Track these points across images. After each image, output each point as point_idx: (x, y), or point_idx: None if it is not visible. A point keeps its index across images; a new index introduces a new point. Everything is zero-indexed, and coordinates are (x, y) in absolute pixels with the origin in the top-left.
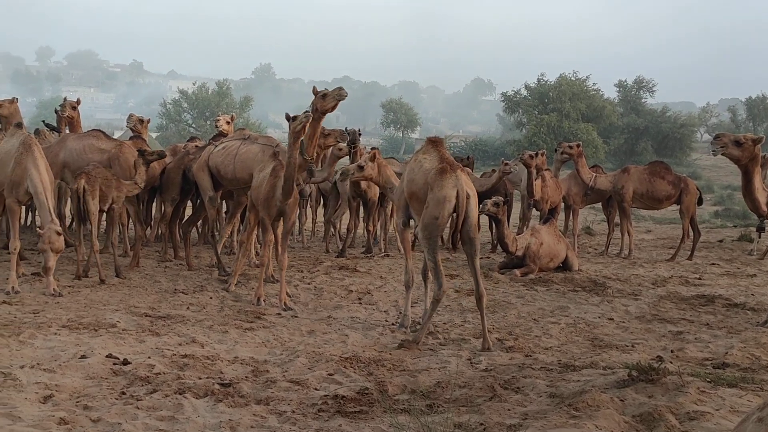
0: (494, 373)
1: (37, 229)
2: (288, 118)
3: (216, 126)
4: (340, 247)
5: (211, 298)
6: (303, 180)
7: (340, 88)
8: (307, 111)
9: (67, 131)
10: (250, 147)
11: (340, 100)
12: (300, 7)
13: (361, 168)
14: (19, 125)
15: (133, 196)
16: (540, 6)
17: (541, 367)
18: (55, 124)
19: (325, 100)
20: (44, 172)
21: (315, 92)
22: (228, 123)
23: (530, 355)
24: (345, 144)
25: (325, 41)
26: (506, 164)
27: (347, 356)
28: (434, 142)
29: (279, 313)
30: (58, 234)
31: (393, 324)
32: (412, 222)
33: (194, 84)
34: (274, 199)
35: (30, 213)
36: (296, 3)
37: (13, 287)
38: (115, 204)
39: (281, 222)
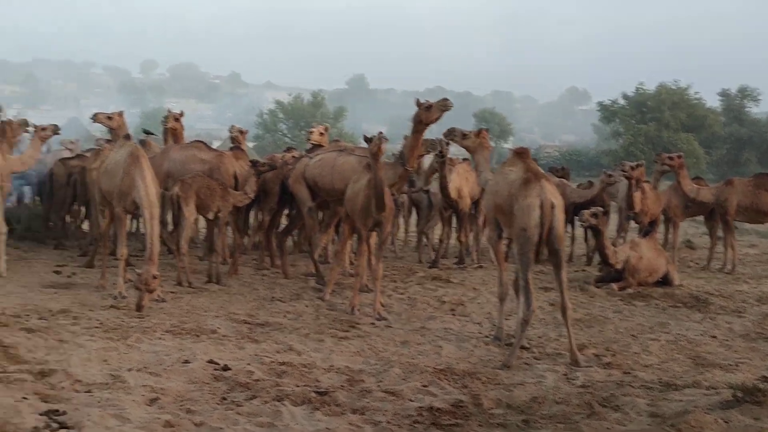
0: (592, 389)
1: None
2: (366, 139)
3: (308, 139)
4: (433, 258)
5: (306, 306)
6: (398, 190)
7: (445, 99)
8: (381, 133)
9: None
10: (347, 158)
11: (445, 111)
12: (393, 18)
13: (464, 136)
14: (128, 137)
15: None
16: (637, 13)
17: (641, 385)
18: (153, 131)
19: (430, 111)
20: (150, 183)
21: (418, 104)
22: (321, 134)
23: (629, 373)
24: (434, 154)
25: (418, 51)
26: (609, 175)
27: (441, 368)
28: (520, 154)
29: (373, 323)
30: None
31: (487, 336)
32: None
33: (290, 95)
34: (370, 210)
35: (135, 220)
36: (390, 14)
37: (120, 292)
38: (221, 213)
39: (376, 232)
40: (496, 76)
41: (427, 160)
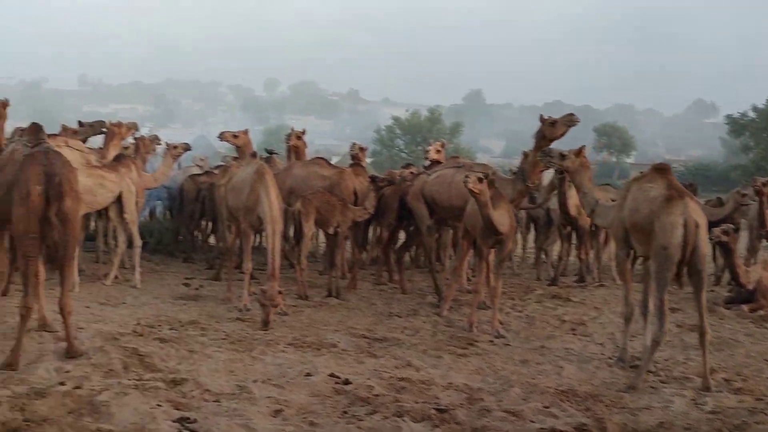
0: (722, 416)
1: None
2: (464, 181)
3: (426, 157)
4: (552, 275)
5: (424, 322)
6: (517, 206)
7: (571, 115)
8: (473, 175)
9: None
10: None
11: (570, 126)
12: (510, 33)
13: (563, 157)
14: (254, 155)
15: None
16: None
17: None
18: (276, 150)
19: (555, 127)
20: (274, 200)
21: (542, 120)
22: (438, 152)
23: (762, 399)
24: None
25: (535, 66)
26: (743, 195)
27: (563, 389)
28: (660, 170)
29: (491, 341)
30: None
31: (610, 358)
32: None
33: (407, 110)
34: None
35: (258, 235)
36: (506, 29)
37: (245, 305)
38: (340, 228)
39: (496, 249)
40: (617, 89)
41: (546, 176)
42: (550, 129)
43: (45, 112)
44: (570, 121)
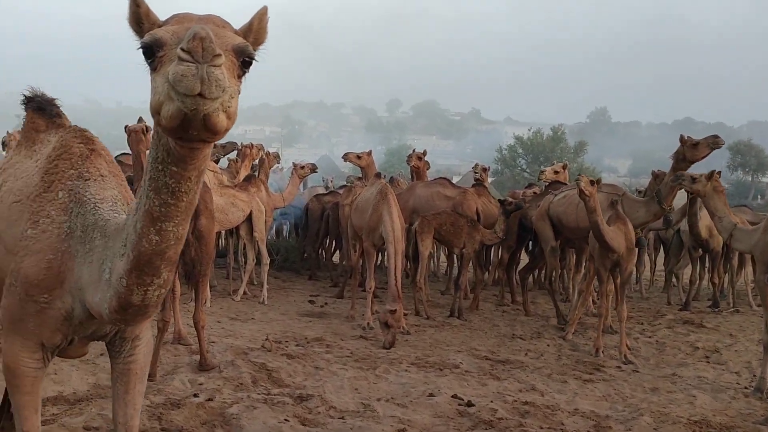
0: None
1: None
2: (576, 180)
3: (539, 178)
4: (684, 300)
5: (548, 345)
6: (642, 229)
7: (716, 137)
8: (583, 177)
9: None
10: None
11: (714, 149)
12: (637, 50)
13: (693, 180)
14: (378, 175)
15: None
16: None
17: None
18: (396, 178)
19: (697, 149)
20: (396, 220)
21: (683, 141)
22: (556, 172)
23: None
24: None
25: (665, 83)
26: None
27: (696, 419)
28: None
29: (619, 366)
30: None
31: (746, 388)
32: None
33: (529, 130)
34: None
35: (380, 254)
36: (632, 45)
37: (368, 323)
38: (465, 249)
39: (617, 272)
40: (752, 105)
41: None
42: (691, 151)
43: None
44: (714, 143)
